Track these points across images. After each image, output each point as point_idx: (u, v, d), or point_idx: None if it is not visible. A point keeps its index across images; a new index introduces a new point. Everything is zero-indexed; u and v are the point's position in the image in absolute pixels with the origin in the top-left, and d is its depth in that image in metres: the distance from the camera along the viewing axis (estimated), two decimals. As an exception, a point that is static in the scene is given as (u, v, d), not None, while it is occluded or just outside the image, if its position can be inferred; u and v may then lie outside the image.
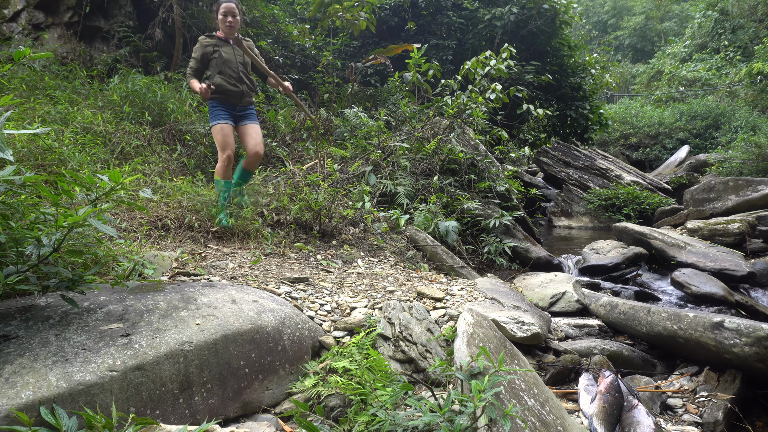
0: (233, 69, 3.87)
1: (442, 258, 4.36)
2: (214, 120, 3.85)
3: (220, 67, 3.83)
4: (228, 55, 3.87)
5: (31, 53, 1.85)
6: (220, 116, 3.84)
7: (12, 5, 7.17)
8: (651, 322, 3.12)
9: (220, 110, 3.85)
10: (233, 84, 3.86)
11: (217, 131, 3.82)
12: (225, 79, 3.83)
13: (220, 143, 3.82)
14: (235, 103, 3.91)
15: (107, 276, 2.44)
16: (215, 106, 3.86)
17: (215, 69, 3.83)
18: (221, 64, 3.83)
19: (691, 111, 16.68)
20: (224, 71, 3.84)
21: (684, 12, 29.78)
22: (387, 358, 2.38)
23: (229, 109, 3.89)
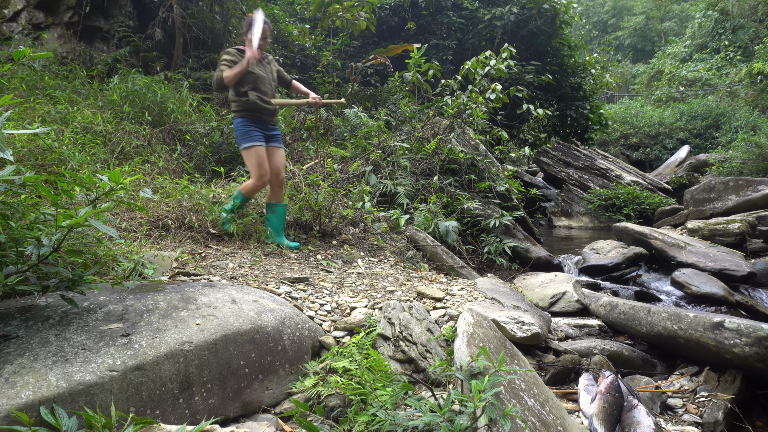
0: (267, 86, 3.74)
1: (442, 258, 4.36)
2: (248, 140, 3.63)
3: (254, 83, 3.66)
4: (260, 72, 3.72)
5: (30, 53, 1.85)
6: (256, 137, 3.65)
7: (12, 5, 7.17)
8: (651, 322, 3.12)
9: (255, 130, 3.66)
10: (267, 102, 3.72)
11: (253, 154, 3.62)
12: (259, 95, 3.67)
13: (256, 167, 3.62)
14: (267, 121, 3.76)
15: (107, 276, 2.44)
16: (248, 124, 3.66)
17: (249, 85, 3.65)
18: (255, 81, 3.67)
19: (691, 111, 16.68)
20: (258, 87, 3.68)
21: (684, 12, 29.79)
22: (387, 358, 2.38)
23: (261, 128, 3.71)
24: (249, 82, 3.65)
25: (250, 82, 3.65)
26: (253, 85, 3.66)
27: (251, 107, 3.65)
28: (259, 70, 3.71)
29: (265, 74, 3.76)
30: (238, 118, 3.68)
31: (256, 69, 3.69)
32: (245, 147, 3.65)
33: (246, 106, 3.64)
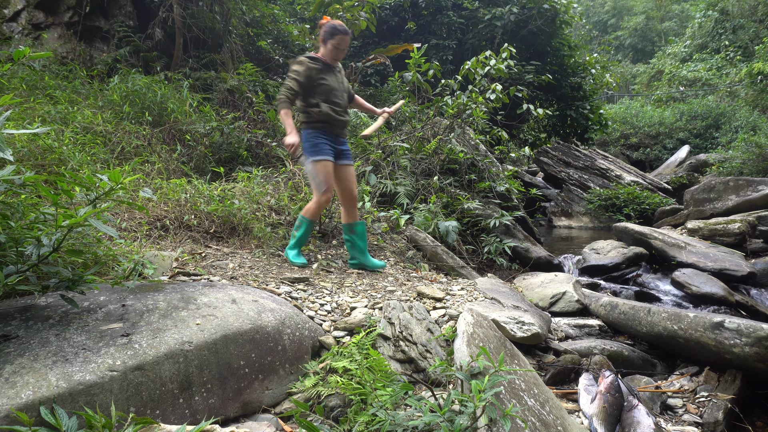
0: (339, 97, 3.51)
1: (442, 258, 4.36)
2: (317, 154, 3.39)
3: (326, 95, 3.43)
4: (333, 82, 3.49)
5: (30, 53, 1.85)
6: (325, 151, 3.42)
7: (12, 5, 7.17)
8: (651, 322, 3.12)
9: (325, 143, 3.44)
10: (340, 113, 3.50)
11: (321, 169, 3.38)
12: (332, 107, 3.45)
13: (321, 182, 3.39)
14: (339, 134, 3.54)
15: (107, 276, 2.44)
16: (318, 136, 3.43)
17: (321, 96, 3.42)
18: (328, 92, 3.44)
19: (691, 111, 16.68)
20: (330, 99, 3.45)
21: (684, 12, 29.79)
22: (387, 358, 2.38)
23: (331, 141, 3.49)
24: (321, 93, 3.43)
25: (321, 93, 3.43)
26: (326, 97, 3.44)
27: (323, 119, 3.43)
28: (331, 81, 3.48)
29: (338, 85, 3.53)
30: (307, 129, 3.45)
31: (329, 79, 3.46)
32: (313, 160, 3.39)
33: (318, 117, 3.42)
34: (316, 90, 3.43)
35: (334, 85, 3.48)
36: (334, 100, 3.47)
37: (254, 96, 6.95)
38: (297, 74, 3.38)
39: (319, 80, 3.42)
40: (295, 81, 3.38)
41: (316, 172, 3.40)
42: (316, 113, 3.41)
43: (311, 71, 3.40)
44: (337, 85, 3.52)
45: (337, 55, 3.49)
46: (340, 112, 3.50)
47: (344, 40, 3.44)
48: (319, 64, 3.44)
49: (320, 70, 3.43)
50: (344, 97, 3.58)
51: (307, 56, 3.46)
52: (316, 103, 3.42)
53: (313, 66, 3.41)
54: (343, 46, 3.47)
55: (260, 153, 5.84)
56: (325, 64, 3.47)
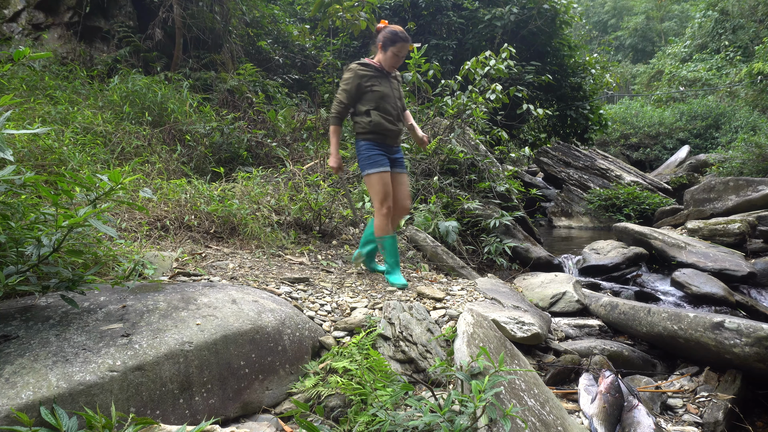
0: (392, 105, 3.32)
1: (442, 258, 4.36)
2: (373, 166, 3.25)
3: (377, 102, 3.27)
4: (386, 89, 3.30)
5: (30, 53, 1.85)
6: (381, 162, 3.27)
7: (12, 5, 7.17)
8: (651, 323, 3.12)
9: (379, 154, 3.28)
10: (392, 122, 3.31)
11: (377, 180, 3.24)
12: (383, 116, 3.27)
13: (380, 194, 3.24)
14: (392, 143, 3.38)
15: (107, 276, 2.44)
16: (371, 147, 3.28)
17: (371, 104, 3.27)
18: (378, 99, 3.27)
19: (691, 111, 16.68)
20: (381, 107, 3.27)
21: (684, 12, 29.79)
22: (387, 358, 2.38)
23: (385, 151, 3.34)
24: (371, 101, 3.27)
25: (372, 101, 3.27)
26: (376, 104, 3.27)
27: (374, 129, 3.27)
28: (384, 87, 3.29)
29: (391, 92, 3.34)
30: (360, 141, 3.31)
31: (382, 86, 3.29)
32: (368, 173, 3.26)
33: (369, 128, 3.27)
34: (366, 97, 3.27)
35: (386, 92, 3.30)
36: (386, 107, 3.29)
37: (254, 96, 6.95)
38: (346, 83, 3.26)
39: (370, 87, 3.25)
40: (344, 92, 3.27)
41: (373, 185, 3.25)
42: (366, 123, 3.27)
43: (361, 78, 3.24)
44: (390, 92, 3.34)
45: (396, 62, 3.32)
46: (392, 121, 3.31)
47: (405, 47, 3.26)
48: (370, 70, 3.28)
49: (371, 76, 3.27)
50: (398, 105, 3.38)
51: (358, 62, 3.32)
52: (365, 111, 3.27)
53: (363, 72, 3.25)
54: (403, 54, 3.29)
55: (260, 153, 5.85)
56: (378, 70, 3.30)
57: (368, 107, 3.27)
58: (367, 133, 3.29)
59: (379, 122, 3.26)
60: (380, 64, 3.32)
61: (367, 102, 3.27)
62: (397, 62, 3.32)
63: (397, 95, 3.41)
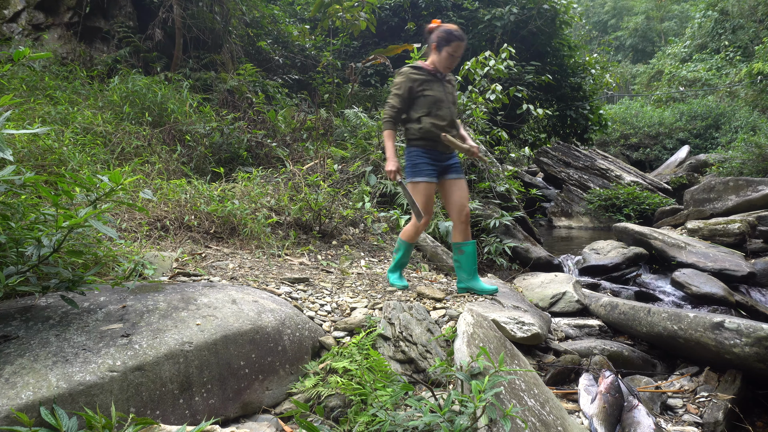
0: (445, 111, 3.14)
1: (442, 258, 4.36)
2: (418, 175, 3.12)
3: (429, 108, 3.11)
4: (439, 93, 3.14)
5: (30, 53, 1.85)
6: (427, 172, 3.12)
7: (12, 5, 7.17)
8: (651, 323, 3.12)
9: (427, 163, 3.12)
10: (444, 128, 3.13)
11: (421, 191, 3.11)
12: (435, 122, 3.10)
13: (421, 205, 3.10)
14: (444, 150, 3.18)
15: (107, 276, 2.44)
16: (420, 155, 3.13)
17: (423, 110, 3.11)
18: (431, 104, 3.11)
19: (691, 111, 16.68)
20: (434, 113, 3.10)
21: (684, 12, 29.80)
22: (387, 358, 2.38)
23: (435, 160, 3.16)
24: (423, 106, 3.11)
25: (424, 106, 3.10)
26: (428, 110, 3.10)
27: (425, 135, 3.11)
28: (437, 92, 3.13)
29: (444, 96, 3.16)
30: (410, 147, 3.18)
31: (434, 91, 3.13)
32: (412, 182, 3.15)
33: (419, 134, 3.12)
34: (418, 103, 3.12)
35: (439, 96, 3.13)
36: (438, 113, 3.12)
37: (254, 96, 6.95)
38: (398, 88, 3.12)
39: (422, 92, 3.10)
40: (396, 97, 3.12)
41: (415, 195, 3.12)
42: (417, 130, 3.11)
43: (413, 83, 3.10)
44: (444, 96, 3.16)
45: (450, 63, 3.13)
46: (443, 127, 3.13)
47: (461, 47, 3.09)
48: (423, 74, 3.13)
49: (424, 80, 3.12)
50: (451, 109, 3.20)
51: (410, 66, 3.17)
52: (417, 117, 3.12)
53: (415, 77, 3.11)
54: (458, 54, 3.11)
55: (260, 153, 5.85)
56: (431, 73, 3.14)
57: (420, 114, 3.12)
58: (417, 140, 3.14)
59: (430, 129, 3.11)
60: (434, 66, 3.15)
61: (419, 108, 3.12)
62: (452, 63, 3.13)
63: (450, 99, 3.22)
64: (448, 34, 3.07)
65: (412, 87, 3.11)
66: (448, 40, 3.07)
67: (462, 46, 3.09)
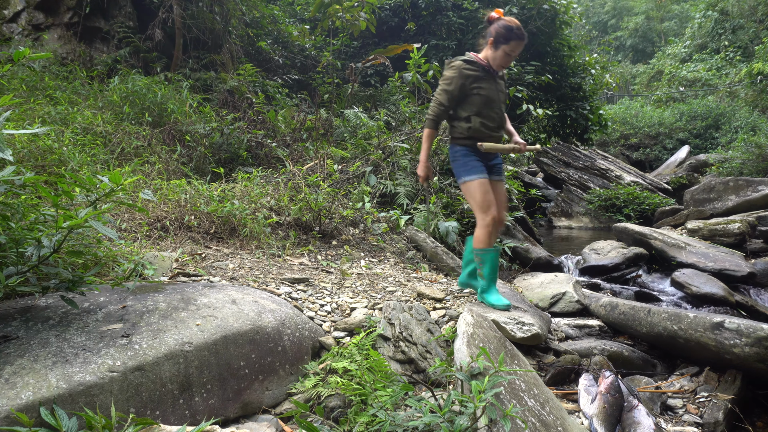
0: (496, 110, 2.99)
1: (442, 258, 4.36)
2: (469, 173, 2.95)
3: (479, 107, 2.94)
4: (491, 92, 2.96)
5: (30, 54, 1.85)
6: (477, 168, 2.95)
7: (12, 6, 7.17)
8: (651, 323, 3.12)
9: (475, 160, 2.97)
10: (494, 129, 2.99)
11: (476, 188, 2.92)
12: (485, 122, 2.95)
13: (480, 202, 2.92)
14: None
15: (107, 277, 2.44)
16: (467, 154, 2.98)
17: (473, 108, 2.94)
18: (482, 104, 2.94)
19: (691, 111, 16.69)
20: (484, 112, 2.94)
21: (684, 12, 29.81)
22: (387, 358, 2.38)
23: (482, 159, 3.01)
24: (474, 105, 2.94)
25: (474, 105, 2.94)
26: (478, 109, 2.94)
27: (473, 135, 2.97)
28: (489, 91, 2.95)
29: (497, 95, 2.99)
30: (456, 146, 3.02)
31: (487, 88, 2.94)
32: (465, 181, 2.97)
33: (466, 134, 2.98)
34: (469, 101, 2.94)
35: (491, 96, 2.95)
36: (489, 114, 2.95)
37: (254, 97, 6.96)
38: (448, 83, 2.92)
39: (474, 89, 2.92)
40: (445, 93, 2.93)
41: (472, 193, 2.94)
42: (465, 129, 2.96)
43: (466, 79, 2.91)
44: (496, 95, 2.99)
45: (506, 62, 2.94)
46: (493, 129, 2.99)
47: (519, 46, 2.89)
48: (477, 70, 2.93)
49: (478, 77, 2.92)
50: (501, 109, 3.03)
51: (463, 59, 2.96)
52: (466, 116, 2.95)
53: (468, 72, 2.91)
54: (516, 53, 2.93)
55: (260, 153, 5.85)
56: (485, 70, 2.95)
57: (469, 113, 2.95)
58: (464, 139, 2.99)
59: (479, 129, 2.95)
60: (488, 62, 2.94)
61: (469, 106, 2.95)
62: (508, 62, 2.95)
63: (502, 98, 3.05)
64: (508, 32, 2.86)
65: (464, 84, 2.92)
66: (507, 38, 2.86)
67: (521, 45, 2.90)
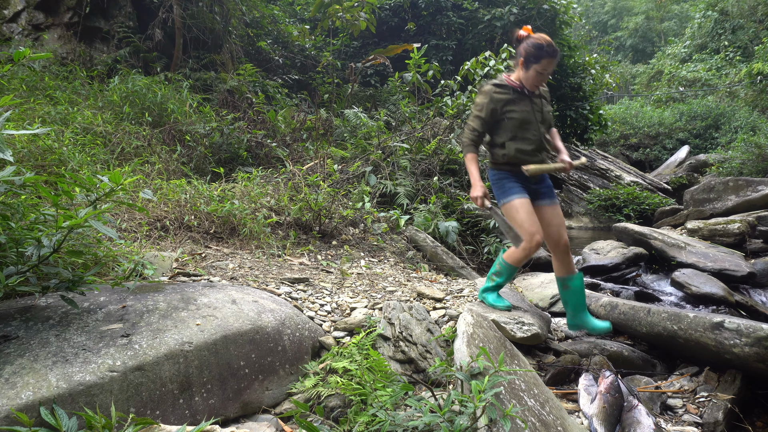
0: (533, 132, 2.85)
1: (442, 258, 4.36)
2: (506, 195, 2.86)
3: (514, 132, 2.83)
4: (526, 114, 2.84)
5: (30, 54, 1.85)
6: (514, 189, 2.85)
7: (12, 5, 7.17)
8: (651, 323, 3.12)
9: (512, 182, 2.87)
10: (531, 152, 2.86)
11: (516, 209, 2.81)
12: (521, 147, 2.84)
13: (521, 222, 2.79)
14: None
15: (107, 276, 2.44)
16: (505, 177, 2.89)
17: (508, 134, 2.84)
18: (516, 127, 2.83)
19: (691, 111, 16.69)
20: (519, 136, 2.83)
21: (684, 12, 29.81)
22: (387, 358, 2.38)
23: (524, 181, 2.89)
24: (507, 130, 2.84)
25: (509, 130, 2.84)
26: (513, 134, 2.83)
27: (509, 161, 2.87)
28: (523, 113, 2.84)
29: (533, 116, 2.86)
30: (493, 170, 2.95)
31: (520, 111, 2.83)
32: (504, 203, 2.88)
33: (502, 160, 2.89)
34: (502, 125, 2.85)
35: (526, 118, 2.84)
36: (525, 136, 2.84)
37: (254, 96, 6.96)
38: (479, 109, 2.86)
39: (507, 113, 2.83)
40: (478, 119, 2.86)
41: (512, 214, 2.82)
42: (501, 155, 2.88)
43: (496, 103, 2.83)
44: (532, 116, 2.86)
45: (539, 82, 2.82)
46: (530, 152, 2.85)
47: (551, 64, 2.74)
48: (508, 93, 2.83)
49: (509, 100, 2.83)
50: (539, 130, 2.88)
51: (493, 83, 2.89)
52: (501, 143, 2.87)
53: (499, 96, 2.83)
54: (548, 71, 2.77)
55: (260, 153, 5.85)
56: (518, 92, 2.85)
57: (504, 138, 2.86)
58: (501, 164, 2.92)
59: (514, 156, 2.85)
60: (520, 83, 2.85)
61: (503, 132, 2.86)
62: (542, 81, 2.81)
63: (539, 118, 2.89)
64: (538, 50, 2.73)
65: (495, 109, 2.84)
66: (537, 57, 2.73)
67: (553, 63, 2.75)
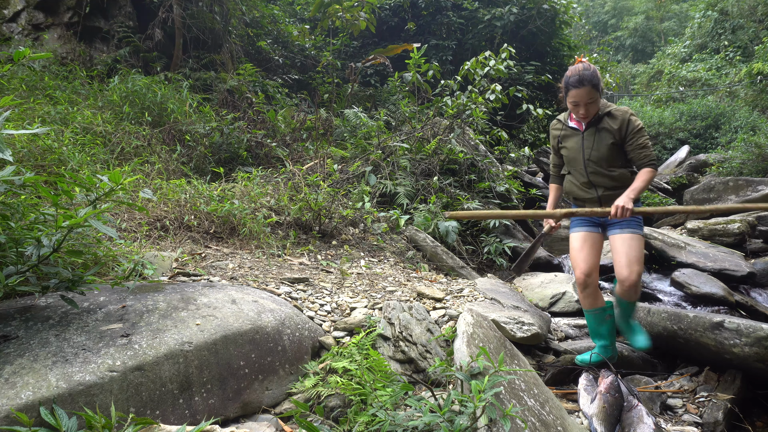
0: (579, 169, 2.82)
1: (442, 258, 4.36)
2: (571, 227, 2.97)
3: (567, 166, 2.90)
4: (573, 151, 2.82)
5: (30, 53, 1.84)
6: (574, 222, 2.93)
7: (12, 5, 7.17)
8: (651, 323, 3.12)
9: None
10: (582, 188, 2.84)
11: (571, 243, 2.88)
12: (572, 180, 2.89)
13: (572, 260, 2.85)
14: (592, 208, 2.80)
15: (107, 276, 2.44)
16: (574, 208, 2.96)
17: (566, 167, 2.93)
18: (568, 163, 2.89)
19: (691, 111, 16.67)
20: (572, 170, 2.89)
21: (684, 12, 29.81)
22: (387, 358, 2.38)
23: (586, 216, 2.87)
24: (565, 164, 2.94)
25: (566, 164, 2.93)
26: (568, 168, 2.92)
27: (568, 192, 2.96)
28: (572, 149, 2.82)
29: (580, 153, 2.78)
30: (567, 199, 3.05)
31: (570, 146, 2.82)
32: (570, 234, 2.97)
33: (566, 189, 2.99)
34: (563, 159, 2.95)
35: (573, 155, 2.82)
36: (575, 172, 2.85)
37: (254, 96, 6.95)
38: (551, 145, 3.01)
39: (561, 148, 2.90)
40: (551, 153, 3.03)
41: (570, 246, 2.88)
42: (565, 186, 2.99)
43: (553, 139, 2.93)
44: (579, 153, 2.79)
45: (578, 112, 2.72)
46: (582, 187, 2.83)
47: (579, 94, 2.65)
48: (561, 128, 2.88)
49: (563, 136, 2.87)
50: (590, 167, 2.77)
51: (556, 118, 2.97)
52: (564, 175, 3.00)
53: (554, 132, 2.93)
54: (581, 101, 2.66)
55: (260, 153, 5.85)
56: (569, 127, 2.83)
57: (565, 171, 2.97)
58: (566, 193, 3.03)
59: (569, 189, 2.93)
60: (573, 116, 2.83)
61: (565, 165, 2.96)
62: (579, 111, 2.71)
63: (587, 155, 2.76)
64: (565, 84, 2.72)
65: (555, 144, 2.96)
66: (566, 90, 2.72)
67: (581, 91, 2.65)
